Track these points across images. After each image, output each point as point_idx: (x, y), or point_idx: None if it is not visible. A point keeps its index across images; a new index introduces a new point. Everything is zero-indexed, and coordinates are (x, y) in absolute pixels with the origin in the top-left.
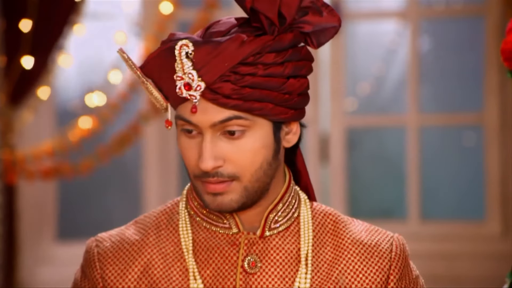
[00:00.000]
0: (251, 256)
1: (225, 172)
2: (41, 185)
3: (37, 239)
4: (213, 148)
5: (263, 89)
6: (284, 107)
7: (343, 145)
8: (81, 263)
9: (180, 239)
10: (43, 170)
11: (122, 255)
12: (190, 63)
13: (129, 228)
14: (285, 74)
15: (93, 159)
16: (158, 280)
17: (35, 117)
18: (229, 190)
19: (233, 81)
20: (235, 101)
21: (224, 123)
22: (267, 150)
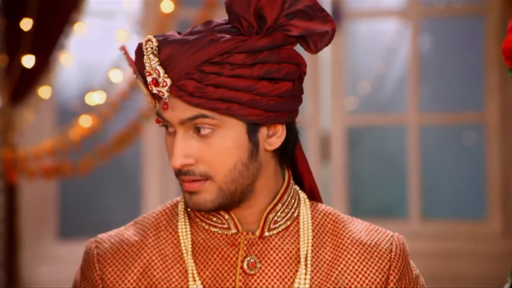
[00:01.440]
0: (251, 256)
1: (197, 171)
2: (41, 184)
3: (38, 238)
4: (183, 145)
5: (228, 89)
6: (255, 109)
7: (343, 144)
8: (80, 264)
9: (180, 240)
10: (44, 169)
11: (121, 256)
12: (156, 59)
13: (128, 229)
14: (255, 75)
15: (93, 158)
16: (157, 282)
17: (36, 116)
18: (203, 190)
19: (197, 79)
20: (198, 99)
21: (192, 120)
22: (240, 151)
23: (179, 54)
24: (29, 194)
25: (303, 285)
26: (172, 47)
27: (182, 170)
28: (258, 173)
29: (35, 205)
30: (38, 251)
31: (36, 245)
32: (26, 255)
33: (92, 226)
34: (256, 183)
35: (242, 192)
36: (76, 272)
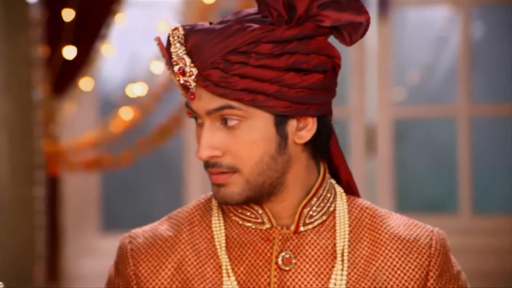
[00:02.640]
0: (286, 252)
1: (224, 163)
2: (84, 176)
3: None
4: (210, 137)
5: (254, 80)
6: (282, 100)
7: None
8: (114, 259)
9: (213, 236)
10: (85, 161)
11: (155, 252)
12: (183, 48)
13: (162, 224)
14: (282, 66)
15: (133, 151)
16: (191, 277)
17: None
18: (230, 182)
19: (222, 69)
20: (222, 89)
21: (218, 111)
22: (267, 143)
23: (205, 43)
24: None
25: (339, 281)
26: (198, 35)
27: (209, 162)
28: (288, 166)
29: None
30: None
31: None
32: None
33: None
34: (286, 176)
35: (271, 185)
36: (110, 268)
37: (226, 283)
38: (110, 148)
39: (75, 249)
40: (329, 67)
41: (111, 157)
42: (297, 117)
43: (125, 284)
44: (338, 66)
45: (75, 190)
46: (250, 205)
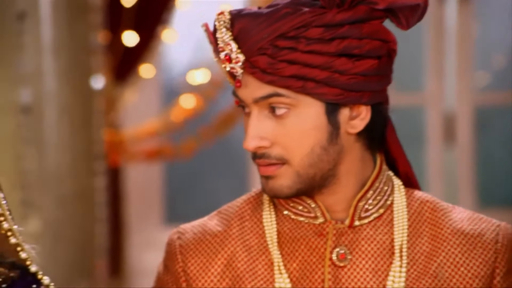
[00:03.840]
0: (340, 247)
1: (272, 154)
2: (147, 167)
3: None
4: (257, 126)
5: (303, 66)
6: (333, 87)
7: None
8: (163, 256)
9: (265, 231)
10: (146, 151)
11: (204, 248)
12: (229, 34)
13: (211, 219)
14: (333, 51)
15: (196, 141)
16: (242, 274)
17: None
18: (279, 174)
19: (270, 54)
20: (270, 76)
21: (265, 99)
22: (318, 133)
23: (252, 28)
24: (134, 177)
25: (398, 278)
26: (245, 20)
27: (257, 153)
28: (340, 157)
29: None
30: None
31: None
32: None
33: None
34: (338, 168)
35: (323, 178)
36: (159, 264)
37: (278, 281)
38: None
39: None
40: (383, 53)
41: (173, 147)
42: (349, 106)
43: (174, 281)
44: (393, 52)
45: (138, 181)
46: (302, 198)
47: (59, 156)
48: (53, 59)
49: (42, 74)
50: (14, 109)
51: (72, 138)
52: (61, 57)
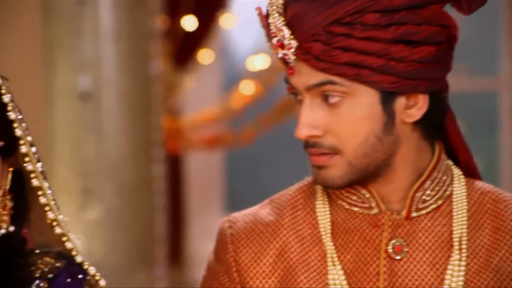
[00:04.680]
0: (396, 239)
1: (324, 144)
2: (207, 154)
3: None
4: (310, 114)
5: (358, 53)
6: (388, 75)
7: None
8: (214, 244)
9: (318, 221)
10: (205, 139)
11: (256, 237)
12: (282, 19)
13: (263, 208)
14: (389, 38)
15: (255, 128)
16: (294, 265)
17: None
18: (331, 164)
19: (324, 41)
20: (324, 63)
21: (318, 87)
22: (373, 122)
23: (306, 13)
24: (194, 165)
25: (457, 272)
26: (299, 5)
27: (309, 141)
28: (396, 147)
29: (201, 177)
30: (204, 226)
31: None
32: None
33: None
34: (394, 158)
35: (377, 167)
36: (210, 253)
37: (332, 272)
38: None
39: (199, 231)
40: (443, 39)
41: (232, 134)
42: (406, 94)
43: (225, 271)
44: (454, 38)
45: (198, 169)
46: (356, 188)
47: (118, 143)
48: (112, 45)
49: (101, 60)
50: (73, 96)
51: (130, 125)
52: (120, 43)
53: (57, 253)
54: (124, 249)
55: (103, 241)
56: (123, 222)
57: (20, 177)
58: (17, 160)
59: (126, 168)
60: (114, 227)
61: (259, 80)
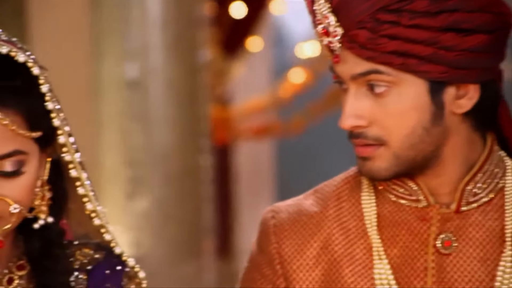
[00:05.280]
0: (445, 234)
1: (369, 134)
2: (257, 144)
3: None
4: (354, 104)
5: (405, 41)
6: (437, 64)
7: None
8: (257, 235)
9: (363, 213)
10: (253, 128)
11: (299, 229)
12: (328, 5)
13: (307, 198)
14: (439, 26)
15: (305, 116)
16: (339, 258)
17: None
18: (376, 156)
19: (370, 28)
20: (370, 52)
21: (364, 76)
22: (420, 113)
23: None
24: (244, 155)
25: (509, 268)
26: None
27: (353, 132)
28: (444, 138)
29: (251, 167)
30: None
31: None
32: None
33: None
34: (442, 149)
35: (424, 159)
36: (253, 243)
37: (378, 266)
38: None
39: (249, 222)
40: (496, 27)
41: (281, 123)
42: (456, 84)
43: (268, 262)
44: (509, 25)
45: (248, 159)
46: (403, 180)
47: (165, 132)
48: (160, 33)
49: (149, 48)
50: (120, 84)
51: (178, 114)
52: (168, 31)
53: (96, 244)
54: (171, 239)
55: (151, 232)
56: (171, 213)
57: (58, 168)
58: (55, 151)
59: (173, 157)
60: (162, 217)
61: (309, 67)
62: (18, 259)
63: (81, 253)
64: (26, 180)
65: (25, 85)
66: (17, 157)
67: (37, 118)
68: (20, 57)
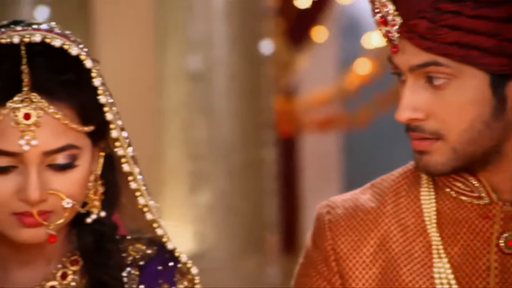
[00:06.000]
0: (509, 232)
1: (426, 128)
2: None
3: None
4: (412, 96)
5: (467, 32)
6: (500, 57)
7: None
8: (312, 230)
9: (422, 209)
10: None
11: (356, 225)
12: None
13: (364, 193)
14: (503, 16)
15: (371, 108)
16: (397, 256)
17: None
18: (433, 150)
19: (430, 18)
20: (429, 42)
21: (422, 68)
22: (480, 106)
23: None
24: (310, 148)
25: None
26: None
27: (410, 125)
28: (507, 133)
29: (317, 160)
30: None
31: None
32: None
33: None
34: (505, 144)
35: (485, 154)
36: (308, 238)
37: (437, 265)
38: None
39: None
40: None
41: (347, 115)
42: None
43: (323, 258)
44: None
45: (314, 152)
46: (464, 175)
47: (228, 125)
48: (223, 24)
49: (212, 40)
50: (183, 76)
51: (241, 107)
52: (232, 22)
53: (149, 239)
54: (234, 234)
55: (214, 226)
56: (234, 206)
57: (111, 162)
58: (108, 145)
59: (236, 150)
60: (224, 211)
61: (376, 58)
62: (72, 254)
63: (133, 248)
64: (79, 175)
65: (77, 79)
66: (70, 152)
67: (90, 112)
68: (73, 50)
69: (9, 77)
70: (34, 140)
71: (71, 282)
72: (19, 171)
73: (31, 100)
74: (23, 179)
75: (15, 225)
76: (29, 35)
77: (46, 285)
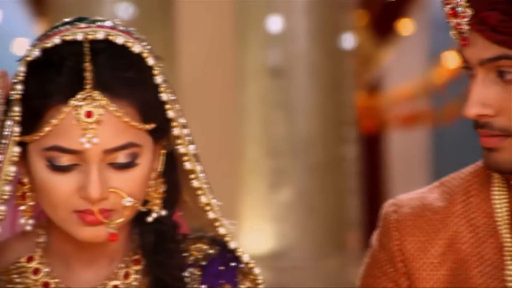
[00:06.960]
0: None
1: (496, 125)
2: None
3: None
4: (481, 91)
5: None
6: None
7: None
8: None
9: (494, 209)
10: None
11: (423, 225)
12: None
13: (432, 191)
14: None
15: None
16: (466, 258)
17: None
18: (502, 147)
19: (503, 10)
20: (501, 36)
21: (493, 62)
22: None
23: None
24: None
25: None
26: None
27: (479, 121)
28: None
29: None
30: None
31: None
32: None
33: None
34: None
35: None
36: (374, 238)
37: (509, 268)
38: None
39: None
40: None
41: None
42: None
43: (389, 259)
44: None
45: (400, 150)
46: None
47: (308, 121)
48: (303, 17)
49: (292, 34)
50: (262, 72)
51: (321, 102)
52: (312, 15)
53: (211, 239)
54: (315, 232)
55: (294, 224)
56: (314, 205)
57: (172, 160)
58: (169, 143)
59: (317, 147)
60: (305, 209)
61: None
62: (134, 253)
63: (195, 247)
64: (140, 173)
65: (139, 76)
66: (131, 150)
67: (151, 110)
68: (136, 48)
69: (72, 75)
70: (95, 138)
71: (133, 281)
72: (81, 169)
73: (93, 98)
74: (84, 177)
75: (76, 223)
76: (93, 32)
77: (109, 284)
